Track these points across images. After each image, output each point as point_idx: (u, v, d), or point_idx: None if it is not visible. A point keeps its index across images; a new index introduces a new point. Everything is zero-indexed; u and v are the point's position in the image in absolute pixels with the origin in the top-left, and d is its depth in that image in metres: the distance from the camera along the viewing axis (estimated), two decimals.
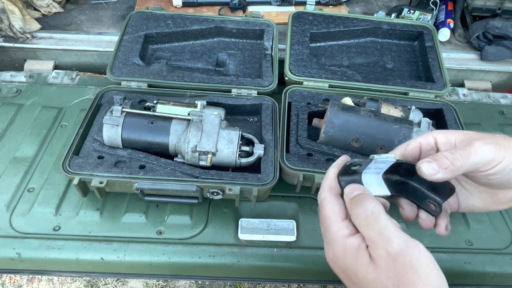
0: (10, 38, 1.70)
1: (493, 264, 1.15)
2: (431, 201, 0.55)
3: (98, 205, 1.19)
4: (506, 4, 1.86)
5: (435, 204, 0.55)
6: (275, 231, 1.13)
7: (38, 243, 1.10)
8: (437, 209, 0.55)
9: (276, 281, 1.51)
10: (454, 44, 1.92)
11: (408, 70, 1.60)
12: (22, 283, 2.12)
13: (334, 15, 1.63)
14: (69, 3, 2.02)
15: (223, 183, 1.11)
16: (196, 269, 1.13)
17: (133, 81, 1.38)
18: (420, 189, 0.55)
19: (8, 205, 1.17)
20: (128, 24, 1.56)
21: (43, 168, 1.27)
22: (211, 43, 1.64)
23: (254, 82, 1.41)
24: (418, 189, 0.55)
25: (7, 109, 1.43)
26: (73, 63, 1.75)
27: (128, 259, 1.10)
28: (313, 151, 1.21)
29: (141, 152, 1.17)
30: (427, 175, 0.51)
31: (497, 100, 1.64)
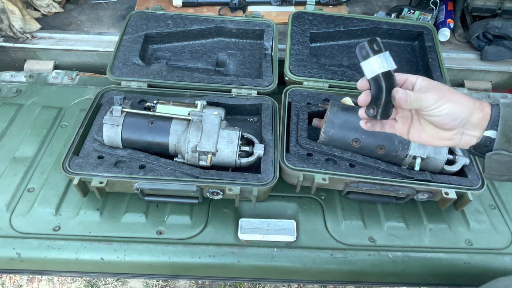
0: (10, 38, 1.70)
1: (493, 264, 1.15)
2: (374, 109, 0.73)
3: (98, 205, 1.19)
4: (506, 4, 1.86)
5: (374, 112, 0.73)
6: (275, 231, 1.13)
7: (38, 243, 1.10)
8: (370, 115, 0.74)
9: (276, 281, 1.51)
10: (454, 44, 1.92)
11: (408, 70, 1.60)
12: (22, 283, 2.12)
13: (334, 15, 1.63)
14: (69, 3, 2.02)
15: (223, 183, 1.11)
16: (196, 269, 1.13)
17: (133, 81, 1.38)
18: (381, 99, 0.72)
19: (8, 205, 1.17)
20: (128, 24, 1.56)
21: (43, 168, 1.27)
22: (211, 43, 1.64)
23: (254, 82, 1.41)
24: (380, 98, 0.72)
25: (7, 109, 1.43)
26: (73, 63, 1.75)
27: (128, 259, 1.10)
28: (313, 151, 1.21)
29: (141, 152, 1.17)
30: (398, 99, 0.71)
31: (497, 100, 1.64)
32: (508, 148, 0.71)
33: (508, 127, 0.70)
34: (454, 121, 0.72)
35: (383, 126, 0.80)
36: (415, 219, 1.23)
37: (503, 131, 0.71)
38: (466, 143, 0.76)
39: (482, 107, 0.73)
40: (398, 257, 1.15)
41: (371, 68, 0.72)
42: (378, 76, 0.72)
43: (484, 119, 0.72)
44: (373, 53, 0.71)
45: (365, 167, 1.18)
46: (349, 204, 1.25)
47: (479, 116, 0.72)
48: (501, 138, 0.71)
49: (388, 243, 1.18)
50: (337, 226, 1.20)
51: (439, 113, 0.71)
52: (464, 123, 0.73)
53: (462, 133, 0.74)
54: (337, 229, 1.19)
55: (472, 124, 0.73)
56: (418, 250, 1.17)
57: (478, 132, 0.73)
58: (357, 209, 1.24)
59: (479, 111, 0.73)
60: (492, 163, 0.74)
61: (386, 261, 1.14)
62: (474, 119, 0.73)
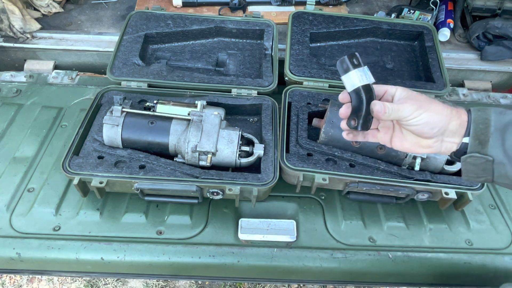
0: (10, 38, 1.70)
1: (493, 264, 1.15)
2: (356, 121, 0.76)
3: (98, 205, 1.19)
4: (506, 4, 1.86)
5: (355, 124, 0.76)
6: (275, 231, 1.13)
7: (38, 243, 1.10)
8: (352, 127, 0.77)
9: (276, 281, 1.51)
10: (454, 44, 1.91)
11: (408, 70, 1.60)
12: (22, 283, 2.12)
13: (334, 15, 1.63)
14: (69, 3, 2.02)
15: (223, 183, 1.11)
16: (196, 269, 1.13)
17: (133, 81, 1.38)
18: (362, 112, 0.75)
19: (8, 205, 1.17)
20: (128, 24, 1.56)
21: (43, 168, 1.27)
22: (211, 43, 1.64)
23: (254, 82, 1.41)
24: (360, 111, 0.75)
25: (7, 109, 1.43)
26: (73, 63, 1.75)
27: (128, 259, 1.10)
28: (313, 151, 1.21)
29: (141, 152, 1.17)
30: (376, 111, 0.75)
31: (497, 100, 1.64)
32: (480, 151, 0.73)
33: (479, 130, 0.73)
34: (432, 130, 0.75)
35: (365, 136, 0.83)
36: (415, 219, 1.23)
37: (475, 134, 0.74)
38: (447, 150, 0.78)
39: (459, 114, 0.75)
40: (398, 257, 1.15)
41: (352, 81, 0.75)
42: (358, 89, 0.75)
43: (462, 126, 0.75)
44: (353, 67, 0.75)
45: (365, 167, 1.18)
46: (349, 204, 1.25)
47: (456, 123, 0.75)
48: (473, 141, 0.74)
49: (388, 243, 1.18)
50: (337, 226, 1.20)
51: (417, 123, 0.74)
52: (443, 131, 0.75)
53: (442, 140, 0.77)
54: (337, 229, 1.19)
55: (450, 132, 0.76)
56: (418, 250, 1.17)
57: (457, 138, 0.76)
58: (357, 209, 1.24)
59: (456, 118, 0.75)
60: (467, 166, 0.76)
61: (386, 261, 1.14)
62: (452, 126, 0.75)
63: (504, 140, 0.72)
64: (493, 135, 0.72)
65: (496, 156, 0.72)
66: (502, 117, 0.73)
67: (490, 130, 0.73)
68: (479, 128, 0.73)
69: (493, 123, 0.73)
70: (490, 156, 0.72)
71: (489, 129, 0.73)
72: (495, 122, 0.73)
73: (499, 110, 0.74)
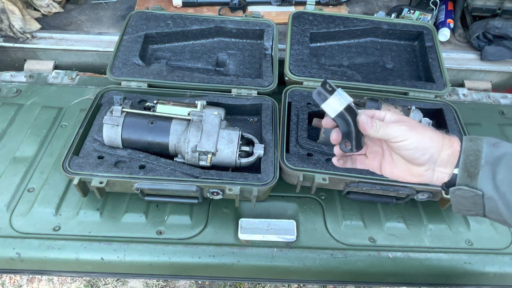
0: (10, 38, 1.70)
1: (493, 264, 1.15)
2: (349, 143, 0.76)
3: (98, 205, 1.19)
4: (506, 4, 1.86)
5: (349, 146, 0.76)
6: (275, 231, 1.13)
7: (38, 243, 1.10)
8: (347, 150, 0.77)
9: (276, 281, 1.51)
10: (454, 44, 1.91)
11: (408, 70, 1.60)
12: (22, 283, 2.12)
13: (334, 15, 1.63)
14: (69, 3, 2.02)
15: (223, 183, 1.11)
16: (196, 269, 1.13)
17: (133, 81, 1.38)
18: (351, 133, 0.75)
19: (8, 205, 1.17)
20: (128, 24, 1.56)
21: (43, 168, 1.27)
22: (211, 43, 1.64)
23: (254, 82, 1.41)
24: (350, 133, 0.75)
25: (7, 109, 1.43)
26: (73, 63, 1.75)
27: (128, 259, 1.10)
28: (313, 151, 1.21)
29: (141, 152, 1.17)
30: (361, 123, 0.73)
31: (497, 100, 1.64)
32: (469, 183, 0.69)
33: (469, 162, 0.69)
34: (423, 156, 0.71)
35: (354, 162, 0.81)
36: (415, 219, 1.23)
37: (464, 166, 0.70)
38: (439, 180, 0.74)
39: (451, 143, 0.72)
40: (398, 257, 1.15)
41: (333, 107, 0.75)
42: (341, 113, 0.75)
43: (453, 156, 0.71)
44: (329, 94, 0.75)
45: None
46: (349, 204, 1.25)
47: (448, 153, 0.71)
48: (462, 173, 0.70)
49: (388, 243, 1.18)
50: (337, 226, 1.20)
51: (407, 146, 0.71)
52: (435, 160, 0.72)
53: (433, 169, 0.73)
54: (337, 229, 1.19)
55: (442, 161, 0.72)
56: (418, 250, 1.17)
57: (449, 169, 0.72)
58: (357, 209, 1.24)
59: (448, 147, 0.71)
60: (457, 198, 0.71)
61: (386, 261, 1.14)
62: (444, 155, 0.71)
63: (495, 174, 0.67)
64: (483, 168, 0.68)
65: (486, 190, 0.67)
66: (495, 150, 0.69)
67: (481, 162, 0.68)
68: (469, 159, 0.69)
69: (484, 155, 0.68)
70: (479, 190, 0.68)
71: (480, 161, 0.68)
72: (487, 154, 0.68)
73: (492, 142, 0.70)
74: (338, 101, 0.74)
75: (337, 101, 0.74)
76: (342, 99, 0.74)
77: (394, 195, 1.19)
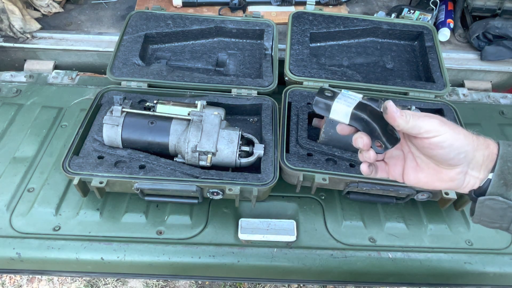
0: (10, 38, 1.70)
1: (493, 264, 1.15)
2: (379, 142, 0.65)
3: (98, 205, 1.19)
4: (506, 4, 1.86)
5: (381, 146, 0.66)
6: (275, 231, 1.13)
7: (38, 243, 1.10)
8: (381, 150, 0.66)
9: (276, 281, 1.51)
10: (454, 44, 1.91)
11: (408, 70, 1.60)
12: (22, 283, 2.12)
13: (334, 15, 1.63)
14: (69, 3, 2.02)
15: (223, 183, 1.11)
16: (196, 269, 1.13)
17: (133, 81, 1.38)
18: (377, 131, 0.66)
19: (8, 205, 1.17)
20: (128, 24, 1.56)
21: (43, 168, 1.27)
22: (211, 43, 1.64)
23: (254, 82, 1.41)
24: (375, 131, 0.66)
25: (7, 109, 1.43)
26: (73, 63, 1.75)
27: (128, 259, 1.10)
28: (313, 151, 1.21)
29: (141, 152, 1.17)
30: (390, 110, 0.62)
31: (497, 100, 1.64)
32: (504, 193, 0.63)
33: (506, 169, 0.62)
34: (459, 155, 0.62)
35: (376, 170, 0.71)
36: (415, 219, 1.23)
37: (501, 173, 0.63)
38: (469, 186, 0.66)
39: (487, 144, 0.65)
40: (398, 257, 1.15)
41: (342, 112, 0.67)
42: (355, 114, 0.66)
43: (490, 158, 0.64)
44: (331, 100, 0.67)
45: None
46: (349, 204, 1.25)
47: (483, 154, 0.64)
48: (497, 180, 0.63)
49: (388, 243, 1.18)
50: (337, 226, 1.20)
51: (442, 143, 0.62)
52: (470, 160, 0.64)
53: (466, 173, 0.65)
54: (337, 229, 1.19)
55: (476, 163, 0.64)
56: (418, 250, 1.17)
57: (483, 173, 0.65)
58: (357, 209, 1.24)
59: (484, 148, 0.64)
60: (484, 209, 0.65)
61: (386, 261, 1.14)
62: (479, 157, 0.64)
63: None
64: None
65: None
66: None
67: None
68: (507, 166, 0.62)
69: None
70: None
71: None
72: None
73: None
74: (344, 103, 0.66)
75: (343, 103, 0.66)
76: (348, 99, 0.66)
77: (394, 195, 1.19)
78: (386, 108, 0.63)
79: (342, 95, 0.67)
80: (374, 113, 0.66)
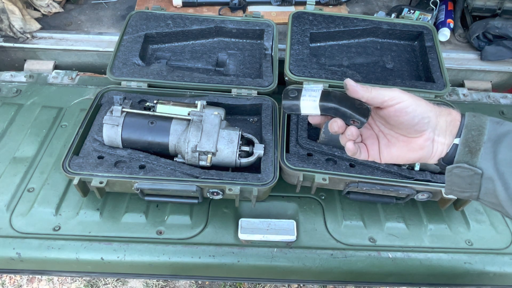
0: (10, 38, 1.70)
1: (493, 264, 1.15)
2: (354, 120, 0.70)
3: (98, 205, 1.19)
4: (506, 4, 1.86)
5: (357, 121, 0.70)
6: (275, 231, 1.13)
7: (38, 243, 1.10)
8: (359, 125, 0.70)
9: (276, 281, 1.51)
10: (454, 44, 1.91)
11: (408, 70, 1.60)
12: (22, 283, 2.12)
13: (334, 15, 1.63)
14: (69, 3, 2.02)
15: (223, 183, 1.11)
16: (196, 269, 1.13)
17: (133, 81, 1.38)
18: (347, 111, 0.70)
19: (8, 205, 1.17)
20: (128, 24, 1.56)
21: (43, 168, 1.27)
22: (211, 43, 1.64)
23: (254, 82, 1.41)
24: (346, 112, 0.70)
25: (7, 109, 1.43)
26: (73, 63, 1.75)
27: (128, 259, 1.10)
28: (313, 151, 1.21)
29: (141, 152, 1.17)
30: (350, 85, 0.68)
31: (497, 100, 1.64)
32: (469, 161, 0.66)
33: (471, 137, 0.66)
34: (423, 120, 0.67)
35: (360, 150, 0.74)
36: (415, 219, 1.23)
37: (466, 141, 0.66)
38: (438, 154, 0.70)
39: (448, 111, 0.69)
40: (398, 257, 1.15)
41: (311, 106, 0.71)
42: (321, 104, 0.71)
43: (453, 124, 0.68)
44: (297, 99, 0.71)
45: (365, 167, 1.18)
46: (349, 204, 1.25)
47: (446, 120, 0.68)
48: (463, 148, 0.66)
49: (388, 243, 1.18)
50: (337, 226, 1.20)
51: (406, 108, 0.67)
52: (434, 126, 0.68)
53: (433, 140, 0.69)
54: (337, 229, 1.19)
55: (441, 128, 0.68)
56: (418, 250, 1.17)
57: (448, 139, 0.68)
58: (357, 209, 1.24)
59: (446, 114, 0.69)
60: (452, 177, 0.68)
61: (386, 261, 1.14)
62: (442, 122, 0.68)
63: (497, 152, 0.64)
64: (485, 144, 0.65)
65: (486, 169, 0.65)
66: (498, 127, 0.66)
67: (483, 138, 0.66)
68: (471, 134, 0.66)
69: (488, 131, 0.66)
70: (479, 168, 0.65)
71: (482, 137, 0.66)
72: (490, 131, 0.66)
73: (496, 120, 0.67)
74: (310, 98, 0.70)
75: (308, 98, 0.70)
76: (312, 92, 0.70)
77: (394, 195, 1.19)
78: (346, 85, 0.69)
79: (305, 90, 0.71)
80: (338, 96, 0.71)
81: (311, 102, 0.70)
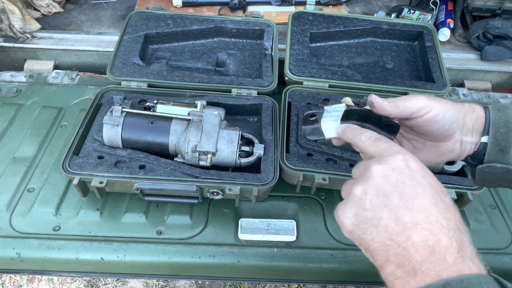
0: (10, 38, 1.70)
1: (493, 264, 1.15)
2: None
3: (98, 205, 1.19)
4: (506, 4, 1.86)
5: None
6: (275, 231, 1.13)
7: (38, 243, 1.10)
8: None
9: (276, 281, 1.51)
10: (454, 44, 1.92)
11: (408, 70, 1.60)
12: (22, 283, 2.12)
13: (334, 15, 1.63)
14: (69, 3, 2.02)
15: (223, 183, 1.11)
16: (196, 269, 1.13)
17: (133, 81, 1.38)
18: (374, 128, 0.65)
19: (8, 205, 1.17)
20: (128, 24, 1.56)
21: (43, 168, 1.27)
22: (211, 43, 1.64)
23: (254, 82, 1.41)
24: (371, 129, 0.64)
25: (7, 109, 1.43)
26: (73, 63, 1.75)
27: (128, 259, 1.10)
28: (313, 151, 1.21)
29: (141, 152, 1.17)
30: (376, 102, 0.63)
31: (497, 100, 1.64)
32: (501, 159, 0.64)
33: (499, 135, 0.64)
34: (452, 124, 0.64)
35: None
36: None
37: (495, 140, 0.64)
38: (465, 153, 0.68)
39: (472, 109, 0.67)
40: None
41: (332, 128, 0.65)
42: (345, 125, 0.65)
43: (479, 122, 0.66)
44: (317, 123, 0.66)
45: None
46: None
47: (472, 119, 0.66)
48: (493, 147, 0.64)
49: None
50: (337, 226, 1.19)
51: (435, 117, 0.63)
52: (461, 127, 0.66)
53: (461, 140, 0.67)
54: (337, 229, 1.19)
55: (468, 128, 0.66)
56: None
57: (475, 137, 0.66)
58: None
59: (471, 112, 0.66)
60: (484, 175, 0.66)
61: None
62: (468, 122, 0.66)
63: None
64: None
65: None
66: None
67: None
68: (500, 132, 0.63)
69: None
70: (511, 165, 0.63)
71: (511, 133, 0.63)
72: None
73: None
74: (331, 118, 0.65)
75: (330, 120, 0.65)
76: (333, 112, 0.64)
77: None
78: (372, 102, 0.64)
79: (326, 112, 0.66)
80: (362, 114, 0.65)
81: (333, 123, 0.65)
